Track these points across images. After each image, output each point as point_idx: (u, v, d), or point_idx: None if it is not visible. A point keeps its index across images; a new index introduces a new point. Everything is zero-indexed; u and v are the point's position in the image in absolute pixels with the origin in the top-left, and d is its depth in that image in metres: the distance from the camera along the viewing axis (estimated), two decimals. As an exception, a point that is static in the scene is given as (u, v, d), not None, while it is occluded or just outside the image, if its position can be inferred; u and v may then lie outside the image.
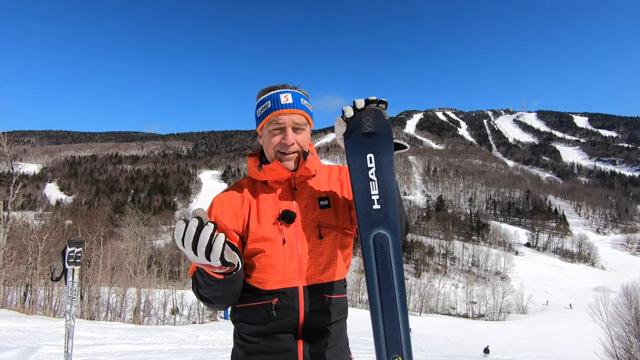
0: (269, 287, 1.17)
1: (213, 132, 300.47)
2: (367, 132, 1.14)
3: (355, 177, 1.13)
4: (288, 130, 1.20)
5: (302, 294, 1.18)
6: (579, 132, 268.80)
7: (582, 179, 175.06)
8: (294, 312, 1.16)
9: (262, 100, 1.23)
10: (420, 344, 16.24)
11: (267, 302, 1.16)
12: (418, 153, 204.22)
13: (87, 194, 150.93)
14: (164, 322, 22.82)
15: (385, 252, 1.07)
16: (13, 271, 14.89)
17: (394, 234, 1.09)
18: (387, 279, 1.06)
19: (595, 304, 18.87)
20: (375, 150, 1.13)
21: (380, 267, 1.07)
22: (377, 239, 1.08)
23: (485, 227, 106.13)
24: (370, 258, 1.08)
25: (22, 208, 53.62)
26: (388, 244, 1.08)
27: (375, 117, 1.14)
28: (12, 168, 14.75)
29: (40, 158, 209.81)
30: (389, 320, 1.05)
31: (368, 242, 1.09)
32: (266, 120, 1.22)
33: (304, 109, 1.23)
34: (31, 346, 6.20)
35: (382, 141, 1.13)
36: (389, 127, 1.14)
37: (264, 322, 1.17)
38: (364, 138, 1.14)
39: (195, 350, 7.58)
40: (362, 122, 1.14)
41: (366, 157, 1.13)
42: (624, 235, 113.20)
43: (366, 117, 1.14)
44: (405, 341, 1.05)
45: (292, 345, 1.15)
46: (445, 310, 62.27)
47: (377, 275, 1.07)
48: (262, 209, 1.22)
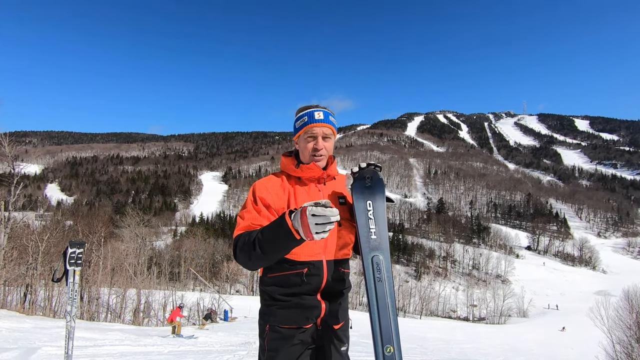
0: (301, 259, 1.56)
1: (214, 134, 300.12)
2: (368, 185, 1.60)
3: (359, 216, 1.55)
4: (319, 139, 1.64)
5: (326, 266, 1.58)
6: (580, 136, 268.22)
7: (583, 182, 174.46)
8: (319, 279, 1.57)
9: (300, 116, 1.68)
10: (421, 347, 16.16)
11: (299, 271, 1.55)
12: (419, 155, 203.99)
13: (88, 195, 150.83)
14: (163, 323, 22.77)
15: (380, 269, 1.49)
16: (13, 271, 14.87)
17: (386, 256, 1.52)
18: (382, 289, 1.47)
19: (597, 308, 18.79)
20: (373, 198, 1.58)
21: (377, 279, 1.48)
22: (374, 259, 1.50)
23: (486, 230, 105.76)
24: (369, 273, 1.49)
25: (23, 208, 53.56)
26: (382, 262, 1.50)
27: (373, 175, 1.63)
28: (13, 168, 14.77)
29: (41, 159, 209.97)
30: (383, 319, 1.43)
31: (368, 262, 1.50)
32: (303, 131, 1.66)
33: (331, 124, 1.67)
34: (31, 347, 6.18)
35: (377, 192, 1.60)
36: (382, 183, 1.63)
37: (296, 285, 1.56)
38: (365, 189, 1.60)
39: (195, 352, 7.56)
40: (364, 177, 1.62)
41: (367, 202, 1.57)
42: (625, 239, 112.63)
43: (367, 174, 1.63)
44: (396, 335, 1.43)
45: (317, 303, 1.57)
46: (446, 313, 62.09)
47: (375, 286, 1.47)
48: (298, 197, 1.62)
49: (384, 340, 1.40)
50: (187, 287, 48.07)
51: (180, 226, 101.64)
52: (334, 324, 1.61)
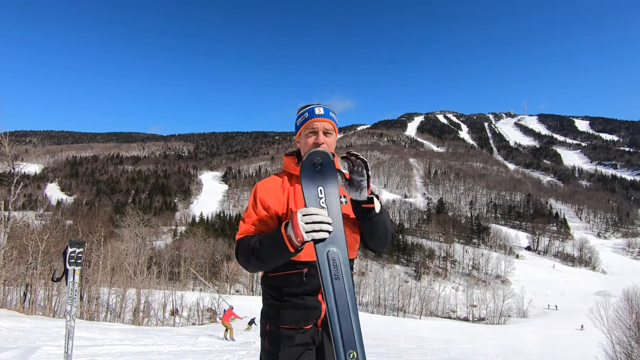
0: (302, 259, 1.51)
1: (214, 134, 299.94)
2: (318, 169, 1.38)
3: (309, 204, 1.35)
4: (320, 133, 1.59)
5: None
6: (580, 136, 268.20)
7: (583, 182, 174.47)
8: (319, 279, 1.46)
9: (301, 113, 1.64)
10: (420, 347, 16.18)
11: (300, 271, 1.52)
12: (419, 156, 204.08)
13: (87, 195, 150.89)
14: (163, 323, 22.78)
15: (337, 265, 1.31)
16: (13, 271, 14.86)
17: (342, 250, 1.34)
18: (340, 287, 1.30)
19: (596, 309, 18.77)
20: (324, 183, 1.37)
21: (334, 277, 1.30)
22: (330, 254, 1.32)
23: (485, 230, 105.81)
24: (325, 271, 1.31)
25: (23, 208, 53.67)
26: (339, 258, 1.32)
27: (324, 157, 1.39)
28: (13, 168, 14.76)
29: (41, 158, 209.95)
30: (344, 322, 1.27)
31: (323, 258, 1.32)
32: (304, 127, 1.61)
33: (332, 119, 1.63)
34: (31, 346, 6.19)
35: (329, 177, 1.39)
36: (334, 166, 1.40)
37: (296, 286, 1.53)
38: (316, 174, 1.38)
39: (194, 352, 7.56)
40: (314, 161, 1.38)
41: (317, 189, 1.37)
42: (625, 240, 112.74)
43: (317, 156, 1.39)
44: (359, 339, 1.28)
45: (317, 304, 1.54)
46: (446, 313, 62.12)
47: (332, 284, 1.30)
48: (299, 197, 1.56)
49: (346, 345, 1.26)
50: (187, 287, 48.03)
51: (180, 226, 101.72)
52: None
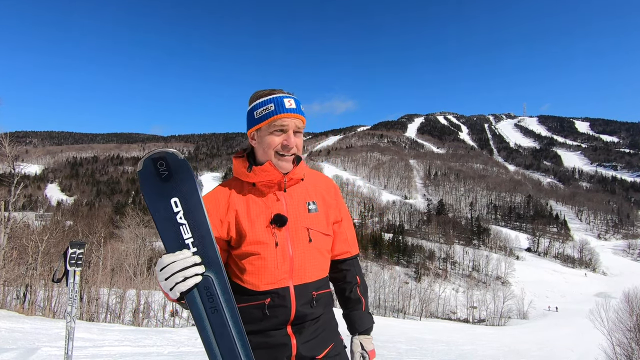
0: (262, 288, 1.21)
1: (214, 134, 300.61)
2: (164, 176, 0.98)
3: (161, 224, 0.97)
4: (290, 133, 1.25)
5: (294, 293, 1.23)
6: (580, 137, 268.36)
7: (583, 184, 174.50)
8: (285, 310, 1.22)
9: (263, 102, 1.25)
10: (420, 348, 16.15)
11: (261, 302, 1.21)
12: (419, 157, 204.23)
13: (88, 195, 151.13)
14: (163, 324, 22.74)
15: (212, 294, 0.97)
16: (13, 271, 14.86)
17: (217, 272, 0.98)
18: (221, 322, 0.96)
19: (597, 310, 18.76)
20: (178, 193, 0.98)
21: (210, 311, 0.96)
22: (202, 282, 0.97)
23: (486, 232, 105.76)
24: (196, 304, 0.97)
25: (23, 208, 53.61)
26: (213, 284, 0.97)
27: (168, 158, 0.98)
28: (13, 169, 14.77)
29: (41, 159, 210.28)
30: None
31: (191, 291, 0.97)
32: (267, 122, 1.24)
33: (303, 115, 1.29)
34: (30, 347, 6.18)
35: (183, 182, 0.99)
36: (187, 166, 0.99)
37: (258, 320, 1.22)
38: (162, 182, 0.98)
39: (194, 353, 7.55)
40: (155, 166, 0.98)
41: (170, 201, 0.97)
42: (626, 241, 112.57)
43: (157, 158, 0.98)
44: None
45: (285, 340, 1.22)
46: (446, 314, 62.05)
47: (209, 320, 0.96)
48: (253, 213, 1.25)
49: None
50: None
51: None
52: (316, 354, 1.26)
